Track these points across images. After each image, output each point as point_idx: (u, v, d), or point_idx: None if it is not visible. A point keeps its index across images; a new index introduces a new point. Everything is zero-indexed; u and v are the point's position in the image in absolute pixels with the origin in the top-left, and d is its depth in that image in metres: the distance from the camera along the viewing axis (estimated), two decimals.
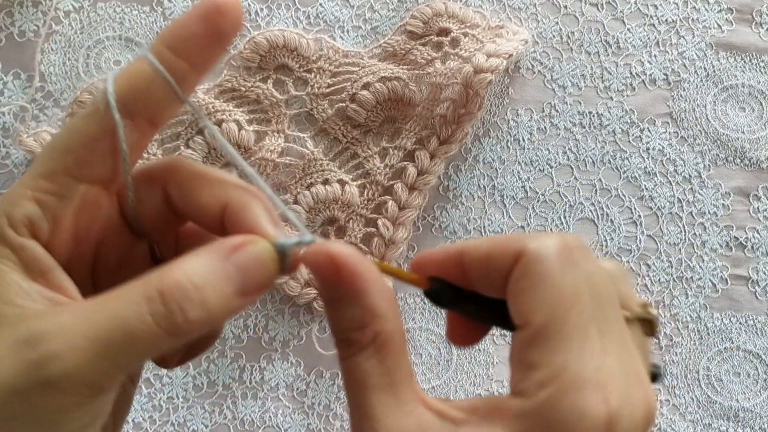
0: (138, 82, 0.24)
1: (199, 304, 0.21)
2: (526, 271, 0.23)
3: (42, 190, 0.24)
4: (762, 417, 0.55)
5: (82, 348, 0.21)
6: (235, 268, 0.22)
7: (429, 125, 0.53)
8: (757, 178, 0.56)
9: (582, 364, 0.22)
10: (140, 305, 0.21)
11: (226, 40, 0.24)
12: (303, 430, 0.53)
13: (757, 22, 0.56)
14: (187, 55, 0.24)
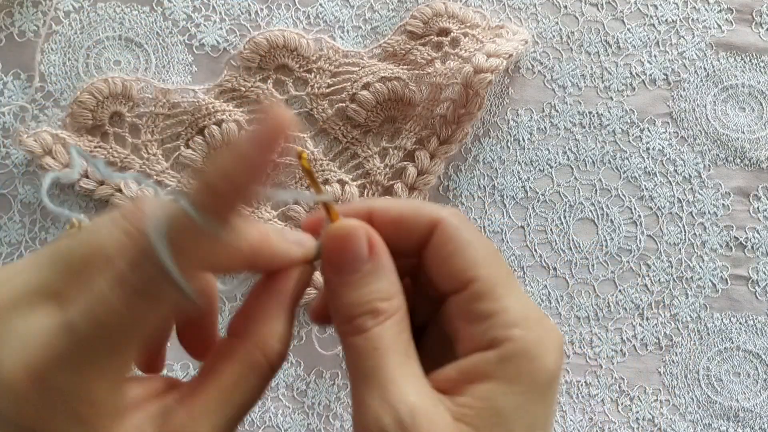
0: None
1: (287, 348, 0.27)
2: (449, 237, 0.25)
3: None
4: (762, 417, 0.55)
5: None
6: (295, 303, 0.26)
7: (429, 125, 0.53)
8: (757, 178, 0.56)
9: (523, 303, 0.24)
10: (261, 386, 0.27)
11: (276, 150, 0.23)
12: (303, 430, 0.53)
13: (757, 22, 0.56)
14: (229, 196, 0.22)
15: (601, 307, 0.55)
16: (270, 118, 0.21)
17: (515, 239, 0.55)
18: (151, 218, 0.20)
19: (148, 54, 0.54)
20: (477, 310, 0.24)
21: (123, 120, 0.53)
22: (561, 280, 0.55)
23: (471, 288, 0.24)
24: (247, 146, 0.21)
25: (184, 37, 0.54)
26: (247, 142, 0.21)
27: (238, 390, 0.25)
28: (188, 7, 0.54)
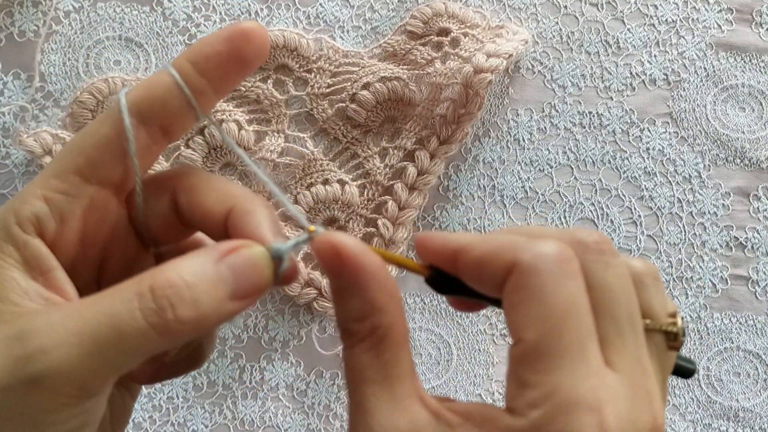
0: (155, 91, 0.24)
1: (191, 302, 0.21)
2: (519, 285, 0.22)
3: (52, 189, 0.24)
4: (762, 417, 0.55)
5: (70, 344, 0.21)
6: (228, 271, 0.22)
7: (429, 125, 0.53)
8: (757, 178, 0.56)
9: (575, 384, 0.21)
10: (131, 302, 0.21)
11: (249, 65, 0.25)
12: (303, 430, 0.53)
13: (757, 22, 0.56)
14: (208, 73, 0.25)
15: None
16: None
17: None
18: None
19: (148, 54, 0.54)
20: (516, 372, 0.22)
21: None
22: None
23: (518, 347, 0.22)
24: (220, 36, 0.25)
25: (184, 37, 0.54)
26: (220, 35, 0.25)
27: (107, 294, 0.22)
28: (188, 7, 0.54)
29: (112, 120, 0.24)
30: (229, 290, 0.22)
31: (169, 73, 0.24)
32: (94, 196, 0.25)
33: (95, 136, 0.24)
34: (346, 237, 0.23)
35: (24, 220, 0.24)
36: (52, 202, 0.24)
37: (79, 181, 0.24)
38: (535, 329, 0.22)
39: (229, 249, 0.23)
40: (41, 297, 0.23)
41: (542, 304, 0.22)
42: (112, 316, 0.21)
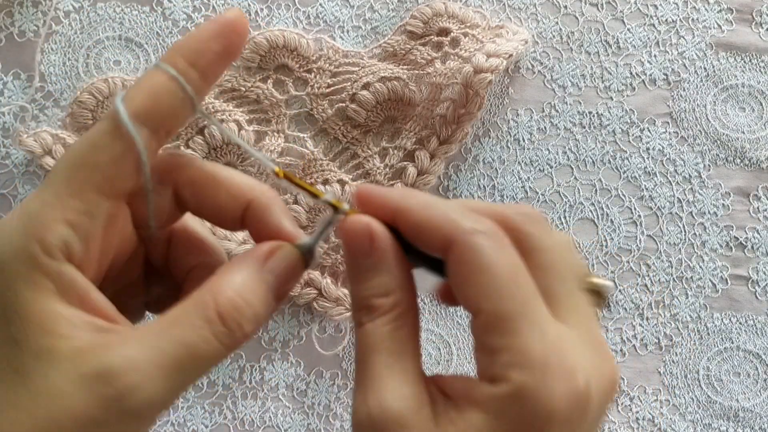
0: (161, 98, 0.25)
1: (254, 318, 0.24)
2: (462, 260, 0.24)
3: (73, 211, 0.24)
4: (762, 417, 0.55)
5: (157, 377, 0.22)
6: (271, 275, 0.25)
7: (429, 125, 0.53)
8: (757, 178, 0.56)
9: (540, 341, 0.23)
10: (204, 329, 0.23)
11: (236, 54, 0.26)
12: (303, 430, 0.53)
13: (757, 22, 0.56)
14: (201, 66, 0.25)
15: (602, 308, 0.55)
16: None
17: None
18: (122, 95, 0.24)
19: (148, 54, 0.54)
20: (483, 343, 0.24)
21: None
22: None
23: (479, 318, 0.24)
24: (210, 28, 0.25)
25: None
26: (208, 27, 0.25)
27: (177, 323, 0.23)
28: (188, 7, 0.54)
29: (121, 134, 0.24)
30: (275, 292, 0.25)
31: (164, 72, 0.25)
32: (111, 211, 0.25)
33: (109, 152, 0.24)
34: (371, 219, 0.25)
35: (52, 248, 0.23)
36: (75, 226, 0.24)
37: (97, 198, 0.24)
38: (489, 298, 0.23)
39: (267, 254, 0.25)
40: (88, 324, 0.23)
41: (489, 274, 0.23)
42: (190, 346, 0.23)
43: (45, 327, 0.23)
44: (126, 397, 0.22)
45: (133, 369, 0.22)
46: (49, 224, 0.23)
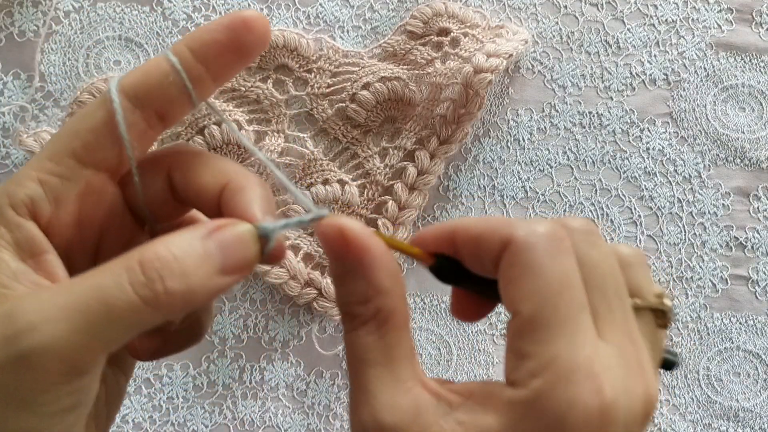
0: (152, 76, 0.24)
1: (179, 274, 0.22)
2: (514, 260, 0.23)
3: (46, 171, 0.24)
4: (762, 417, 0.55)
5: (58, 319, 0.21)
6: (215, 246, 0.23)
7: (429, 125, 0.53)
8: (757, 178, 0.56)
9: (572, 353, 0.22)
10: (120, 275, 0.21)
11: (248, 54, 0.25)
12: (303, 430, 0.53)
13: (757, 22, 0.56)
14: (207, 60, 0.24)
15: None
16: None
17: None
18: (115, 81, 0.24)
19: (148, 54, 0.54)
20: (514, 345, 0.23)
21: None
22: None
23: (516, 320, 0.23)
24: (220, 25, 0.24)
25: None
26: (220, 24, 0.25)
27: (96, 270, 0.22)
28: (188, 7, 0.54)
29: (106, 104, 0.24)
30: (217, 265, 0.23)
31: (167, 59, 0.24)
32: (89, 180, 0.24)
33: (90, 120, 0.24)
34: (350, 220, 0.24)
35: (18, 202, 0.24)
36: (46, 185, 0.24)
37: (74, 164, 0.24)
38: (531, 302, 0.22)
39: (216, 226, 0.23)
40: (31, 280, 0.23)
41: (538, 278, 0.22)
42: (100, 290, 0.21)
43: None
44: (22, 336, 0.20)
45: (35, 309, 0.21)
46: (21, 180, 0.24)
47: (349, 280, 0.24)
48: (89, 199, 0.25)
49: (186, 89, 0.24)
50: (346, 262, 0.24)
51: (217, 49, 0.24)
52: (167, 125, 0.26)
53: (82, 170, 0.24)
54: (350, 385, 0.24)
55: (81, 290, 0.21)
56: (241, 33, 0.24)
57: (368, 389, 0.23)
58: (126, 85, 0.24)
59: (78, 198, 0.24)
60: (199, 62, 0.24)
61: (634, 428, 0.22)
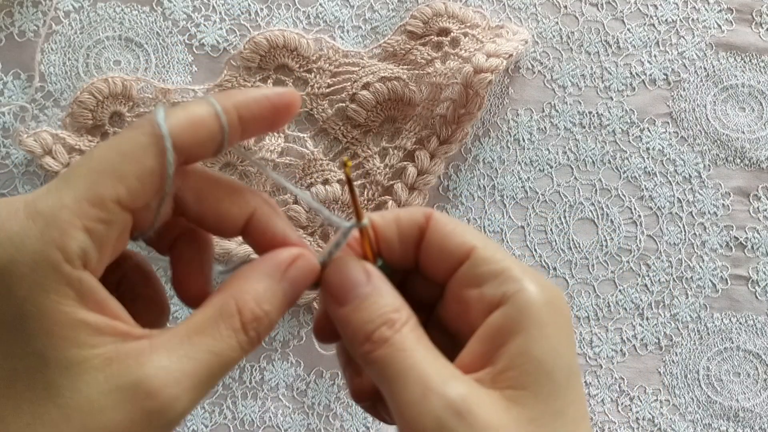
0: (200, 132, 0.25)
1: (269, 326, 0.25)
2: (445, 222, 0.27)
3: (92, 219, 0.23)
4: (762, 417, 0.55)
5: (192, 388, 0.23)
6: (289, 285, 0.26)
7: (429, 125, 0.53)
8: (757, 178, 0.56)
9: (522, 263, 0.27)
10: (231, 338, 0.24)
11: (278, 127, 0.27)
12: (303, 430, 0.53)
13: (757, 22, 0.56)
14: (246, 125, 0.26)
15: (601, 307, 0.55)
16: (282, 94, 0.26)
17: (515, 239, 0.55)
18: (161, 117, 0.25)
19: (148, 54, 0.54)
20: (485, 272, 0.26)
21: (123, 120, 0.53)
22: (561, 280, 0.55)
23: (474, 255, 0.26)
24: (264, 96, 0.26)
25: (184, 37, 0.54)
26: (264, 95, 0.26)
27: (205, 332, 0.24)
28: (188, 7, 0.54)
29: (155, 152, 0.24)
30: (289, 300, 0.26)
31: (216, 117, 0.25)
32: (126, 222, 0.24)
33: (138, 166, 0.24)
34: (355, 258, 0.27)
35: (72, 256, 0.22)
36: (93, 234, 0.23)
37: (117, 209, 0.24)
38: (480, 239, 0.28)
39: (288, 263, 0.26)
40: (112, 329, 0.23)
41: (470, 228, 0.28)
42: (220, 356, 0.24)
43: (70, 337, 0.22)
44: (167, 409, 0.22)
45: (171, 381, 0.23)
46: (69, 231, 0.22)
47: (379, 297, 0.26)
48: (123, 238, 0.25)
49: (222, 145, 0.26)
50: (373, 284, 0.26)
51: (258, 121, 0.26)
52: (186, 164, 0.26)
53: (123, 214, 0.24)
54: (403, 381, 0.24)
55: (203, 357, 0.24)
56: (281, 111, 0.27)
57: (431, 371, 0.24)
58: (175, 134, 0.24)
59: (116, 243, 0.25)
60: (240, 123, 0.26)
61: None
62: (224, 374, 0.24)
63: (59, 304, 0.22)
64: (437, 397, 0.23)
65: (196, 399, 0.23)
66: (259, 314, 0.25)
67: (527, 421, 0.23)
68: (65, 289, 0.22)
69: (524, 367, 0.24)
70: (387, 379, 0.24)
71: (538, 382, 0.24)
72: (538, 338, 0.24)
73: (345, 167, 0.27)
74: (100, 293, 0.23)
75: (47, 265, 0.22)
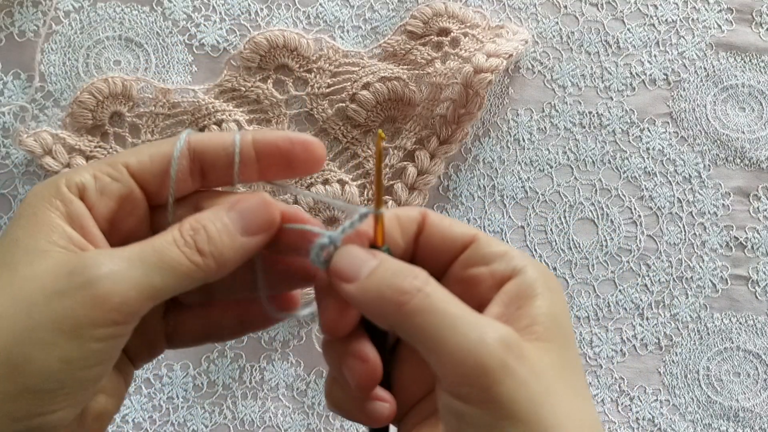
0: (215, 143, 0.29)
1: (206, 240, 0.27)
2: (442, 217, 0.30)
3: (101, 171, 0.29)
4: (762, 417, 0.55)
5: (121, 259, 0.25)
6: (237, 215, 0.28)
7: (429, 125, 0.53)
8: (757, 178, 0.56)
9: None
10: (168, 236, 0.27)
11: (296, 169, 0.30)
12: (303, 430, 0.53)
13: (757, 22, 0.56)
14: (261, 155, 0.29)
15: (601, 307, 0.55)
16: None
17: (515, 239, 0.55)
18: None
19: (148, 54, 0.54)
20: (491, 253, 0.28)
21: (123, 120, 0.53)
22: (561, 280, 0.55)
23: (478, 239, 0.29)
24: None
25: (184, 37, 0.54)
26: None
27: (154, 240, 0.27)
28: (188, 7, 0.54)
29: (172, 143, 0.29)
30: (239, 227, 0.28)
31: (233, 136, 0.29)
32: (132, 188, 0.29)
33: (154, 149, 0.29)
34: (358, 246, 0.28)
35: (72, 183, 0.28)
36: (98, 179, 0.28)
37: (125, 171, 0.29)
38: (477, 230, 0.30)
39: (238, 200, 0.28)
40: (84, 245, 0.27)
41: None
42: (154, 246, 0.26)
43: (45, 232, 0.27)
44: (89, 269, 0.25)
45: (104, 255, 0.26)
46: (79, 171, 0.29)
47: (394, 262, 0.27)
48: (126, 204, 0.29)
49: (232, 165, 0.29)
50: (374, 262, 0.27)
51: (274, 151, 0.29)
52: (205, 184, 0.30)
53: (129, 179, 0.29)
54: (449, 323, 0.25)
55: (140, 246, 0.26)
56: (298, 150, 0.29)
57: (474, 315, 0.26)
58: (193, 138, 0.29)
59: (119, 199, 0.29)
60: (255, 152, 0.29)
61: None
62: (165, 270, 0.26)
63: (48, 210, 0.27)
64: (495, 338, 0.25)
65: (126, 272, 0.25)
66: (195, 226, 0.27)
67: (558, 367, 0.26)
68: (58, 203, 0.27)
69: (547, 324, 0.26)
70: (433, 327, 0.25)
71: (556, 335, 0.26)
72: (550, 301, 0.27)
73: (378, 139, 0.28)
74: (87, 222, 0.28)
75: (52, 184, 0.28)
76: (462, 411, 0.25)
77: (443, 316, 0.25)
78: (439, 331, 0.25)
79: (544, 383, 0.25)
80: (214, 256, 0.27)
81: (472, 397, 0.24)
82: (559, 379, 0.26)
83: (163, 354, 0.53)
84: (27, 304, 0.25)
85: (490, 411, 0.24)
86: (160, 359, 0.53)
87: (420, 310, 0.25)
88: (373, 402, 0.29)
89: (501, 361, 0.24)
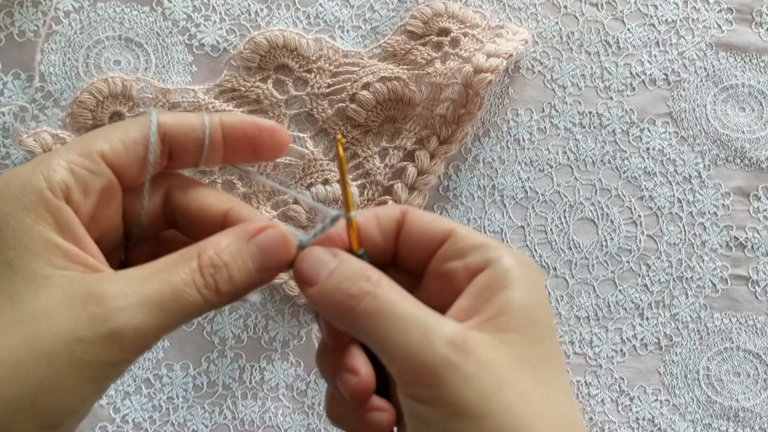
0: (184, 124, 0.29)
1: (230, 279, 0.26)
2: (422, 213, 0.29)
3: (77, 164, 0.26)
4: (762, 417, 0.55)
5: (141, 305, 0.24)
6: (257, 249, 0.27)
7: (429, 125, 0.53)
8: (757, 178, 0.56)
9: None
10: (187, 276, 0.25)
11: (260, 154, 0.30)
12: (303, 430, 0.53)
13: (757, 22, 0.56)
14: (228, 137, 0.29)
15: (601, 307, 0.55)
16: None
17: (515, 239, 0.55)
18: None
19: (148, 54, 0.54)
20: (467, 246, 0.28)
21: (123, 120, 0.53)
22: (561, 280, 0.55)
23: (455, 233, 0.28)
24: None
25: (184, 37, 0.54)
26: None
27: (165, 269, 0.26)
28: (188, 7, 0.54)
29: (141, 127, 0.28)
30: (257, 265, 0.27)
31: (199, 115, 0.29)
32: (110, 179, 0.27)
33: (124, 134, 0.28)
34: (321, 248, 0.28)
35: (55, 186, 0.25)
36: (77, 176, 0.26)
37: (101, 162, 0.27)
38: (456, 224, 0.30)
39: (258, 230, 0.27)
40: (82, 259, 0.25)
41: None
42: (173, 288, 0.25)
43: (42, 254, 0.25)
44: (112, 318, 0.23)
45: (121, 295, 0.24)
46: (56, 168, 0.26)
47: (351, 264, 0.27)
48: (106, 196, 0.28)
49: (201, 148, 0.28)
50: (341, 257, 0.27)
51: (241, 135, 0.29)
52: (171, 165, 0.29)
53: (107, 170, 0.27)
54: (398, 326, 0.25)
55: (158, 286, 0.25)
56: (266, 136, 0.29)
57: (425, 315, 0.25)
58: (161, 121, 0.28)
59: (100, 192, 0.27)
60: (222, 135, 0.29)
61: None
62: (182, 312, 0.25)
63: (37, 224, 0.25)
64: (439, 337, 0.24)
65: (148, 322, 0.24)
66: (216, 262, 0.26)
67: (518, 359, 0.25)
68: (44, 213, 0.25)
69: (513, 314, 0.26)
70: (380, 329, 0.25)
71: (526, 327, 0.26)
72: (523, 291, 0.27)
73: (338, 143, 0.28)
74: (78, 229, 0.26)
75: (32, 188, 0.25)
76: (418, 411, 0.25)
77: (389, 318, 0.25)
78: (386, 333, 0.25)
79: (494, 377, 0.24)
80: (231, 296, 0.27)
81: (423, 397, 0.24)
82: (519, 372, 0.25)
83: (163, 354, 0.53)
84: (47, 351, 0.23)
85: (440, 409, 0.24)
86: (160, 359, 0.53)
87: (368, 313, 0.25)
88: (371, 412, 0.29)
89: (444, 358, 0.24)
